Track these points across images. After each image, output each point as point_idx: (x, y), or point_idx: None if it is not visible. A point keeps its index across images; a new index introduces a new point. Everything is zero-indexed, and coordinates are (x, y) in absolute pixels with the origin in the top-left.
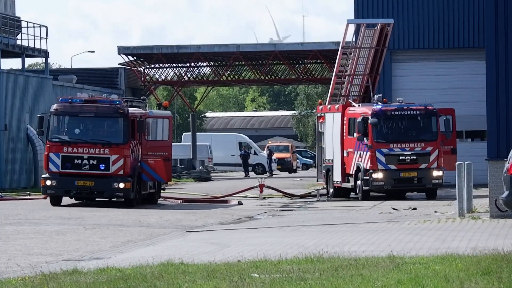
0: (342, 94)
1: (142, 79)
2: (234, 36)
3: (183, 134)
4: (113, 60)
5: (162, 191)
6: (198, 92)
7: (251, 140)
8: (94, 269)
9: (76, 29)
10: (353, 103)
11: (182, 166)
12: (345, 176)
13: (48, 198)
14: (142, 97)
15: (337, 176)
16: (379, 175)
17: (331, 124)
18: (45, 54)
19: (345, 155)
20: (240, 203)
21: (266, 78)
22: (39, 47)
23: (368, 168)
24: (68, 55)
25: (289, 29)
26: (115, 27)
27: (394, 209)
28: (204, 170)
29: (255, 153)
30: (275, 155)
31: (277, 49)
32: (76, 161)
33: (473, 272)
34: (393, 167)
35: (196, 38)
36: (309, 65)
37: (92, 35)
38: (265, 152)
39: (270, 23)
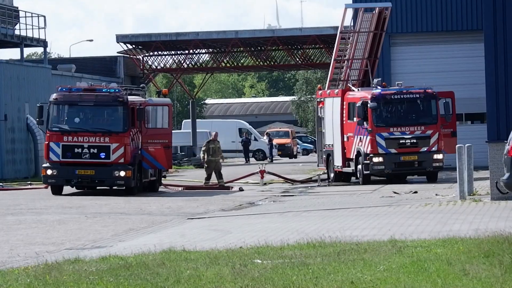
0: (341, 79)
1: (141, 67)
2: (229, 21)
3: (183, 121)
4: (111, 49)
5: (163, 178)
6: (197, 80)
7: (251, 126)
8: (96, 257)
9: (70, 17)
10: (353, 88)
11: (183, 153)
12: (346, 160)
13: (49, 187)
14: (141, 85)
15: (337, 161)
16: (379, 159)
17: (331, 109)
18: (43, 43)
19: (345, 139)
20: (241, 190)
21: (265, 64)
22: (38, 37)
23: (368, 152)
24: (63, 44)
25: (286, 15)
26: (108, 16)
27: (395, 193)
28: None
29: (255, 139)
30: (275, 141)
31: (275, 35)
32: (76, 150)
33: (474, 254)
34: (393, 151)
35: (191, 24)
36: (307, 50)
37: (86, 24)
38: (265, 138)
39: (264, 7)
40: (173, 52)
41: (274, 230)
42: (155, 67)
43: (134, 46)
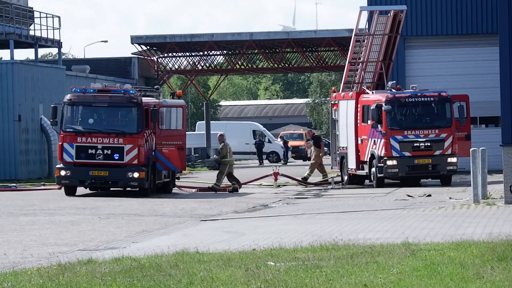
0: (356, 81)
1: (155, 68)
2: (242, 22)
3: (197, 123)
4: (125, 50)
5: (176, 180)
6: (211, 81)
7: (265, 129)
8: (110, 258)
9: (82, 18)
10: (367, 90)
11: (196, 155)
12: (360, 163)
13: (63, 188)
14: (155, 86)
15: (351, 164)
16: (393, 162)
17: (345, 112)
18: (58, 44)
19: (359, 142)
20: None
21: (280, 66)
22: (52, 37)
23: (382, 155)
24: (76, 44)
25: (301, 17)
26: (120, 16)
27: (408, 196)
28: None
29: (269, 141)
30: (290, 143)
31: (290, 37)
32: (90, 151)
33: (488, 258)
34: (407, 154)
35: (203, 24)
36: (322, 53)
37: (99, 24)
38: (279, 140)
39: (278, 10)
40: (187, 54)
41: (288, 232)
42: (169, 69)
43: (148, 47)
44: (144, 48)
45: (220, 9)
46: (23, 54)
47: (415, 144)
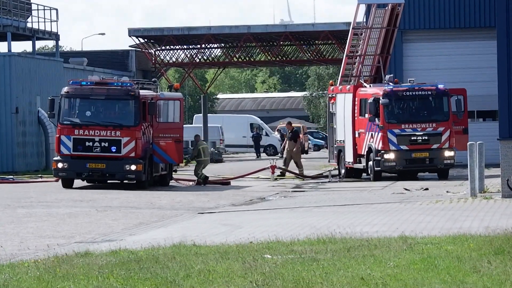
0: (353, 75)
1: (153, 61)
2: (239, 16)
3: (195, 116)
4: (122, 42)
5: (173, 173)
6: (208, 74)
7: (262, 122)
8: (106, 251)
9: (79, 10)
10: (364, 84)
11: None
12: (357, 156)
13: (60, 180)
14: (153, 79)
15: (348, 157)
16: (390, 155)
17: (343, 105)
18: (55, 36)
19: (356, 135)
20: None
21: (277, 59)
22: (50, 30)
23: (379, 148)
24: (73, 37)
25: (299, 10)
26: (117, 9)
27: (406, 189)
28: (216, 151)
29: (267, 134)
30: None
31: (288, 30)
32: (87, 143)
33: (485, 252)
34: (404, 147)
35: (200, 18)
36: (320, 46)
37: (96, 17)
38: (276, 133)
39: (276, 4)
40: (185, 47)
41: (285, 225)
42: (167, 61)
43: (146, 40)
44: (142, 41)
45: (217, 3)
46: (21, 46)
47: (412, 138)
